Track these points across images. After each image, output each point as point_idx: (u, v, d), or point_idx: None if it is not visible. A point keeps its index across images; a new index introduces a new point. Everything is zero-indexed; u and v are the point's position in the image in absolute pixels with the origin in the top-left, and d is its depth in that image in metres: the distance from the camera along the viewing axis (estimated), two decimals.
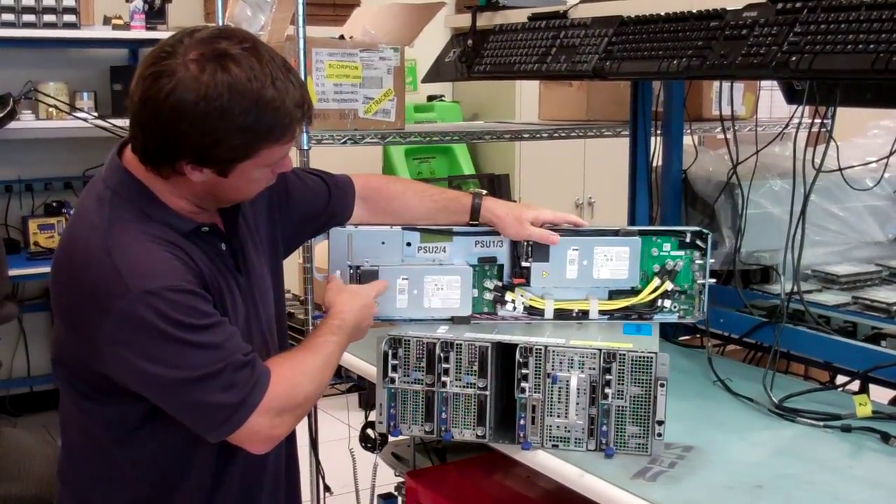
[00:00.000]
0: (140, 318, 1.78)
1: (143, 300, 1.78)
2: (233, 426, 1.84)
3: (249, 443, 1.89)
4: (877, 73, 1.92)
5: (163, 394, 1.85)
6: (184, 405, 1.85)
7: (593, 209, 6.80)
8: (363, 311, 2.16)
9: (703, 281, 2.36)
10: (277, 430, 1.91)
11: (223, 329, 1.87)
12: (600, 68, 2.58)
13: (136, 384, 1.85)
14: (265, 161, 1.88)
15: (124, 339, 1.80)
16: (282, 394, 1.88)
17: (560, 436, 2.09)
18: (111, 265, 1.80)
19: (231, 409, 1.83)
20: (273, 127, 1.83)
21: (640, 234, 2.35)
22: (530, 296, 2.35)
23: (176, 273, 1.84)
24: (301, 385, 1.94)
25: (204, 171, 1.85)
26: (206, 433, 1.87)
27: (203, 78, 1.77)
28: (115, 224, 1.86)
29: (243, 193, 1.97)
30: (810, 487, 1.94)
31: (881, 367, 2.41)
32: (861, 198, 3.08)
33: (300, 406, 1.95)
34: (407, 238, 2.36)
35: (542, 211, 2.35)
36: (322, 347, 2.02)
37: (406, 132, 3.53)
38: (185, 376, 1.80)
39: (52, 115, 5.42)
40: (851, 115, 2.69)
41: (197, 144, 1.80)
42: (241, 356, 1.85)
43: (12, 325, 5.54)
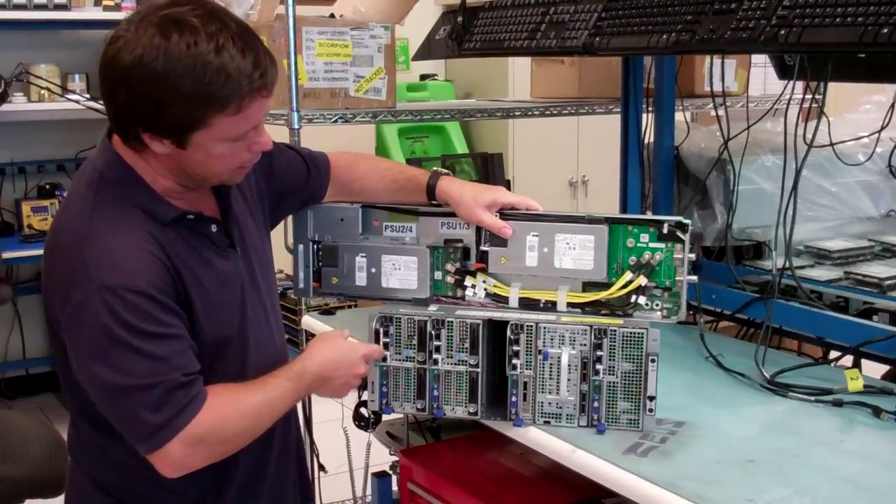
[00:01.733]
0: (92, 312, 1.78)
1: (99, 294, 1.77)
2: (152, 445, 1.82)
3: (160, 465, 1.85)
4: (865, 45, 1.92)
5: (100, 395, 1.84)
6: (113, 410, 1.84)
7: (587, 187, 6.80)
8: (336, 365, 2.08)
9: (683, 278, 2.17)
10: (191, 460, 1.86)
11: (173, 343, 1.84)
12: (590, 44, 2.57)
13: (83, 380, 1.86)
14: (222, 133, 1.83)
15: (75, 329, 1.81)
16: (207, 424, 1.84)
17: (552, 412, 2.09)
18: (80, 254, 1.81)
19: (153, 429, 1.80)
20: (214, 95, 1.78)
21: (613, 222, 2.20)
22: (494, 282, 2.28)
23: (142, 273, 1.82)
24: (231, 421, 1.89)
25: (163, 141, 1.83)
26: (133, 443, 1.85)
27: (141, 41, 1.76)
28: (96, 211, 1.86)
29: (212, 169, 1.91)
30: (802, 462, 1.94)
31: (873, 341, 2.41)
32: (853, 173, 3.08)
33: (225, 442, 1.91)
34: (373, 216, 2.36)
35: (501, 193, 2.25)
36: (269, 388, 1.96)
37: (397, 110, 3.52)
38: (119, 382, 1.79)
39: (44, 98, 5.42)
40: (844, 91, 2.70)
41: (141, 110, 1.79)
42: (180, 375, 1.82)
43: (7, 308, 5.55)
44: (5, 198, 5.69)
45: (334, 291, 2.44)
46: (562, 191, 6.73)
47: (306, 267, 2.43)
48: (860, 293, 2.67)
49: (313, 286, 2.45)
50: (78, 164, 5.76)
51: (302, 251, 2.41)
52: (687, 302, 2.20)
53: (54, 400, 5.78)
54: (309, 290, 2.46)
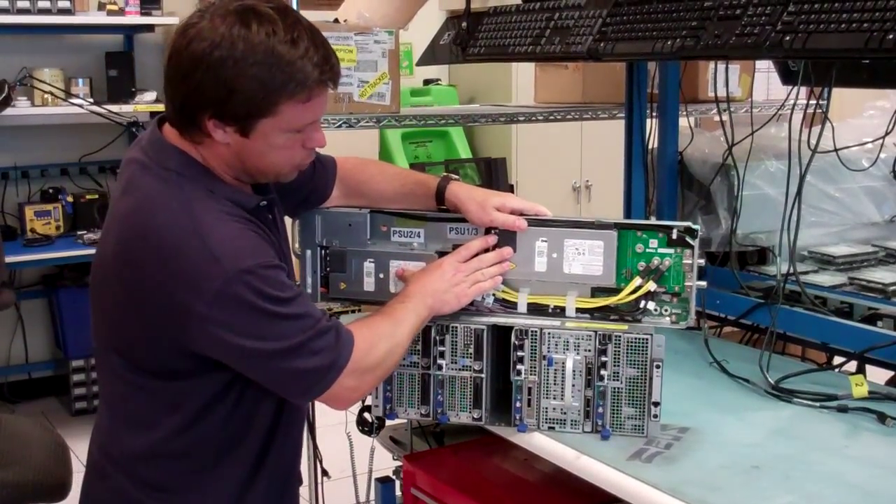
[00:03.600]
0: (237, 296, 1.84)
1: (239, 279, 1.84)
2: (324, 387, 1.94)
3: (335, 401, 1.99)
4: (870, 51, 1.91)
5: (259, 366, 1.92)
6: (279, 374, 1.92)
7: (590, 192, 6.80)
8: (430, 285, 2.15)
9: (692, 283, 2.15)
10: (361, 389, 2.03)
11: (304, 299, 1.95)
12: (594, 49, 2.57)
13: (232, 360, 1.92)
14: (286, 123, 1.89)
15: (221, 317, 1.86)
16: (361, 352, 1.96)
17: (556, 418, 2.09)
18: (204, 247, 1.85)
19: (322, 372, 1.92)
20: (288, 81, 1.84)
21: (622, 228, 2.18)
22: (503, 287, 2.25)
23: (263, 249, 1.91)
24: (378, 345, 2.01)
25: (227, 129, 1.89)
26: (297, 397, 2.00)
27: (220, 29, 1.83)
28: (194, 205, 1.90)
29: (271, 161, 1.97)
30: (807, 468, 1.94)
31: (877, 347, 2.40)
32: (857, 178, 3.08)
33: (379, 366, 2.02)
34: (382, 221, 2.35)
35: (509, 198, 2.26)
36: (397, 314, 2.07)
37: (401, 115, 3.52)
38: (281, 347, 1.88)
39: (48, 102, 5.41)
40: (847, 96, 2.69)
41: (213, 94, 1.84)
42: (325, 322, 1.93)
43: (10, 313, 5.55)
44: (8, 202, 5.68)
45: (342, 297, 2.43)
46: (565, 196, 6.72)
47: (314, 272, 2.42)
48: (864, 299, 2.67)
49: (321, 291, 2.44)
50: (81, 169, 5.80)
51: (310, 256, 2.40)
52: None
53: (57, 404, 5.79)
54: (317, 295, 2.45)
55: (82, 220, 5.54)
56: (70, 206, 5.58)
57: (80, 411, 5.58)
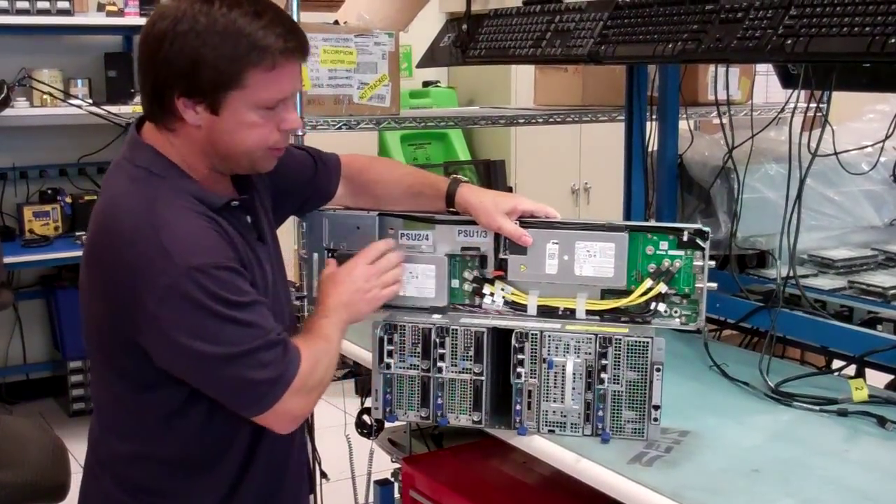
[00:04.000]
0: (185, 294, 1.82)
1: (189, 276, 1.81)
2: (270, 401, 1.89)
3: (279, 422, 1.94)
4: (872, 55, 1.91)
5: (201, 370, 1.88)
6: (222, 382, 1.88)
7: (589, 195, 6.80)
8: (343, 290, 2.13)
9: (703, 285, 2.15)
10: (306, 408, 1.98)
11: (259, 308, 1.90)
12: (595, 52, 2.57)
13: (175, 362, 1.89)
14: (255, 96, 1.87)
15: (167, 314, 1.83)
16: (305, 370, 1.93)
17: (556, 421, 2.09)
18: (158, 241, 1.83)
19: (268, 385, 1.88)
20: (251, 49, 1.84)
21: (633, 230, 2.18)
22: (512, 290, 2.25)
23: (220, 250, 1.88)
24: (319, 364, 1.98)
25: (198, 109, 1.88)
26: (244, 409, 1.92)
27: (182, 6, 1.85)
28: (156, 201, 1.89)
29: (242, 142, 1.92)
30: (807, 471, 1.94)
31: (877, 351, 2.41)
32: (857, 182, 3.08)
33: (321, 384, 2.00)
34: (389, 224, 2.32)
35: (520, 200, 2.24)
36: (326, 331, 2.05)
37: (401, 117, 3.52)
38: (225, 352, 1.84)
39: (47, 102, 5.41)
40: (846, 100, 2.69)
41: (179, 69, 1.84)
42: (274, 335, 1.90)
43: (8, 313, 5.53)
44: (7, 202, 5.68)
45: None
46: (564, 198, 6.72)
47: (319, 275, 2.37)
48: (864, 302, 2.67)
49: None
50: (80, 170, 5.80)
51: (316, 259, 2.37)
52: None
53: (54, 405, 5.78)
54: None
55: (81, 220, 5.52)
56: (69, 206, 5.58)
57: (77, 412, 5.57)
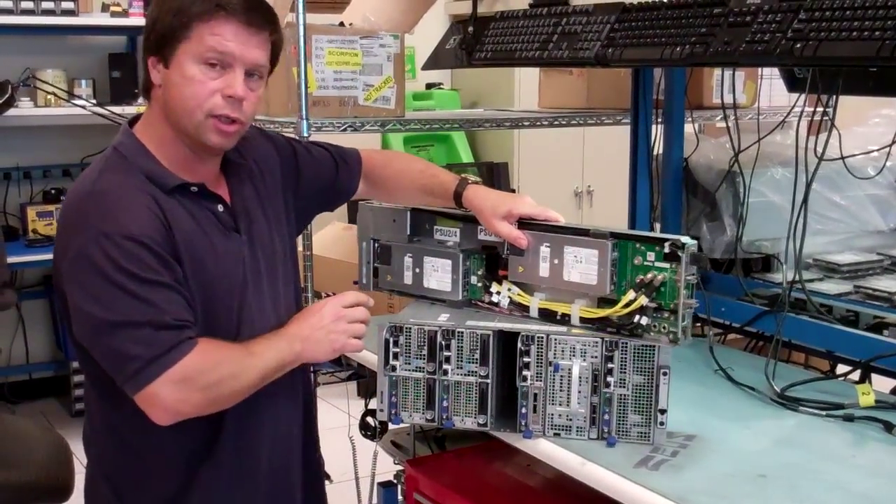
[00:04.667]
0: (89, 257, 1.89)
1: (96, 240, 1.88)
2: (139, 382, 1.89)
3: (152, 409, 1.92)
4: (882, 60, 1.91)
5: (89, 334, 1.93)
6: (103, 349, 1.92)
7: (592, 198, 6.79)
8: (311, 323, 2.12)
9: (680, 300, 2.03)
10: (181, 403, 1.92)
11: (165, 291, 1.92)
12: (602, 55, 2.56)
13: (75, 325, 1.95)
14: (197, 47, 1.96)
15: (73, 276, 1.92)
16: (195, 366, 1.91)
17: (562, 424, 2.08)
18: (83, 206, 1.95)
19: (140, 363, 1.88)
20: (195, 2, 1.96)
21: (619, 238, 2.12)
22: (518, 291, 2.28)
23: (139, 224, 1.92)
24: (218, 365, 1.96)
25: (159, 67, 2.01)
26: (120, 384, 1.92)
27: None
28: (102, 174, 2.01)
29: (184, 97, 1.99)
30: (813, 476, 1.93)
31: (883, 356, 2.40)
32: (863, 186, 3.08)
33: (211, 388, 1.95)
34: (425, 219, 2.45)
35: (519, 204, 2.26)
36: (251, 344, 2.04)
37: (406, 119, 3.52)
38: (110, 318, 1.88)
39: (51, 103, 5.41)
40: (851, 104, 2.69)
41: (147, 30, 2.01)
42: (171, 319, 1.90)
43: (11, 313, 5.55)
44: (10, 202, 5.68)
45: (388, 288, 2.54)
46: (567, 201, 6.72)
47: (367, 263, 2.56)
48: (870, 307, 2.66)
49: (373, 282, 2.57)
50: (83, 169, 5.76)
51: (364, 248, 2.55)
52: (695, 315, 2.16)
53: (57, 405, 5.78)
54: (370, 284, 2.57)
55: None
56: None
57: (80, 412, 5.56)
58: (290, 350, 2.07)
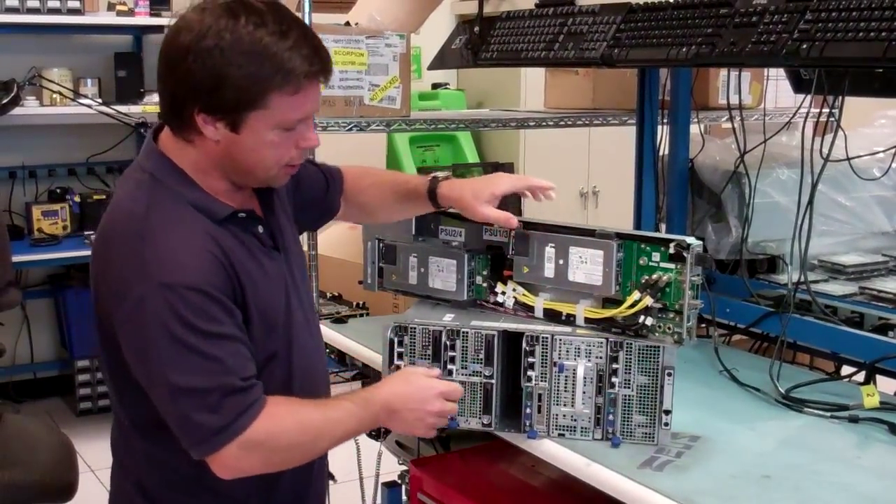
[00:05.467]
0: (152, 310, 1.77)
1: (159, 292, 1.76)
2: (209, 448, 1.82)
3: (218, 469, 1.85)
4: (888, 61, 1.91)
5: (152, 390, 1.83)
6: (169, 411, 1.83)
7: (598, 198, 6.79)
8: (405, 398, 2.01)
9: (685, 301, 2.04)
10: (245, 464, 1.87)
11: (231, 344, 1.83)
12: (608, 55, 2.56)
13: (138, 375, 1.85)
14: (276, 117, 1.83)
15: (134, 326, 1.80)
16: (265, 431, 1.84)
17: (566, 425, 2.08)
18: (140, 251, 1.80)
19: (210, 432, 1.80)
20: (276, 72, 1.80)
21: (624, 239, 2.13)
22: (522, 291, 2.28)
23: (202, 272, 1.82)
24: (288, 431, 1.89)
25: (217, 125, 1.83)
26: (186, 446, 1.84)
27: (207, 20, 1.79)
28: (151, 209, 1.85)
29: (262, 159, 1.89)
30: (818, 478, 1.93)
31: (888, 357, 2.39)
32: (868, 188, 3.07)
33: (281, 451, 1.90)
34: (429, 219, 2.45)
35: (496, 184, 2.23)
36: (331, 408, 1.95)
37: (411, 119, 3.52)
38: (177, 383, 1.78)
39: (56, 102, 5.41)
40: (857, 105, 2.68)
41: (201, 85, 1.80)
42: (238, 380, 1.82)
43: (16, 312, 5.54)
44: (15, 201, 5.68)
45: (393, 287, 2.54)
46: (572, 201, 6.71)
47: (373, 263, 2.55)
48: (875, 308, 2.66)
49: (378, 282, 2.57)
50: (89, 169, 5.80)
51: (370, 248, 2.54)
52: (700, 316, 2.16)
53: (62, 404, 5.78)
54: (375, 284, 2.57)
55: (89, 220, 5.52)
56: (77, 206, 5.58)
57: (85, 411, 5.58)
58: (372, 422, 2.00)
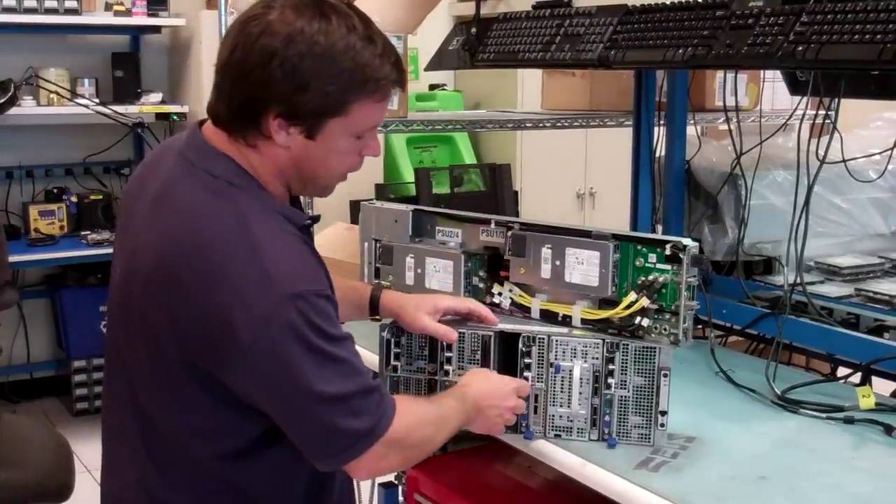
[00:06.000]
0: (286, 323, 1.67)
1: (291, 303, 1.67)
2: (355, 453, 1.75)
3: (357, 470, 1.80)
4: (884, 63, 1.91)
5: (290, 408, 1.73)
6: (308, 424, 1.73)
7: (594, 200, 6.79)
8: (488, 395, 2.01)
9: (681, 302, 2.05)
10: (386, 463, 1.84)
11: (351, 345, 1.78)
12: (605, 57, 2.56)
13: (261, 396, 1.74)
14: (355, 124, 1.77)
15: (263, 345, 1.67)
16: (403, 429, 1.80)
17: (563, 425, 2.08)
18: (257, 263, 1.68)
19: (357, 436, 1.74)
20: (367, 80, 1.74)
21: (621, 240, 2.13)
22: (519, 292, 2.30)
23: (318, 275, 1.78)
24: (420, 427, 1.88)
25: (291, 131, 1.74)
26: (321, 458, 1.78)
27: (297, 22, 1.70)
28: (247, 217, 1.73)
29: (329, 167, 1.83)
30: (813, 479, 1.93)
31: (883, 359, 2.40)
32: (864, 189, 3.08)
33: (414, 447, 1.88)
34: (426, 220, 2.47)
35: (442, 298, 2.18)
36: (440, 404, 1.96)
37: (409, 120, 3.52)
38: (323, 392, 1.69)
39: (53, 102, 5.42)
40: (854, 107, 2.69)
41: (285, 91, 1.70)
42: (368, 379, 1.77)
43: (12, 312, 5.54)
44: (12, 201, 5.68)
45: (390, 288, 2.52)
46: (569, 202, 6.72)
47: (369, 263, 2.56)
48: (870, 310, 2.66)
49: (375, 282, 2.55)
50: (86, 169, 5.80)
51: (367, 248, 2.56)
52: (696, 317, 2.17)
53: (58, 404, 5.78)
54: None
55: (86, 220, 5.54)
56: (74, 206, 5.59)
57: (81, 412, 5.58)
58: (467, 418, 1.99)
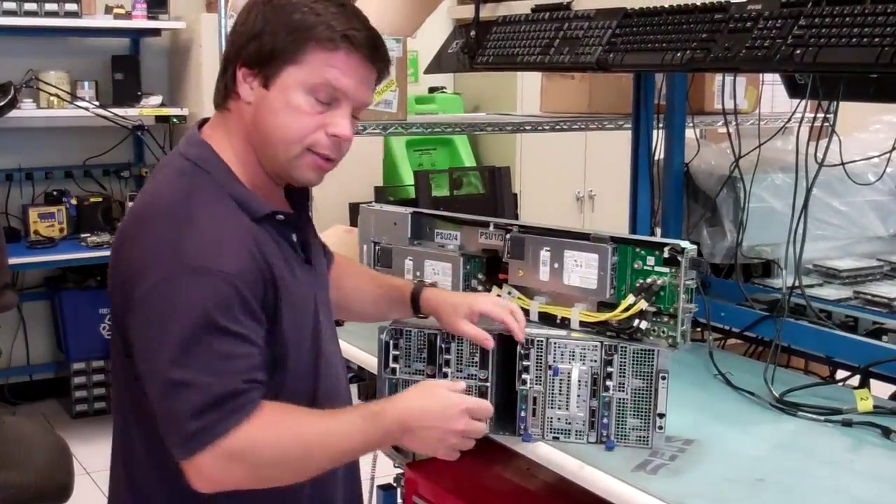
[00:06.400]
0: (172, 291, 1.68)
1: (189, 275, 1.69)
2: (183, 452, 1.69)
3: (192, 475, 1.70)
4: (882, 66, 1.91)
5: (149, 375, 1.72)
6: (158, 400, 1.71)
7: (594, 202, 6.80)
8: (425, 414, 1.86)
9: (679, 304, 2.06)
10: (224, 476, 1.71)
11: (242, 346, 1.71)
12: (604, 60, 2.56)
13: (138, 355, 1.74)
14: (309, 74, 1.78)
15: (148, 308, 1.70)
16: (246, 441, 1.69)
17: (561, 428, 2.09)
18: (176, 235, 1.71)
19: (187, 435, 1.67)
20: (318, 24, 1.78)
21: (619, 242, 2.14)
22: (517, 294, 2.30)
23: (236, 266, 1.73)
24: (278, 443, 1.73)
25: (252, 83, 1.81)
26: (168, 443, 1.72)
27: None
28: (193, 195, 1.78)
29: (284, 124, 1.80)
30: (811, 481, 1.94)
31: (882, 362, 2.40)
32: (863, 192, 3.08)
33: (265, 466, 1.73)
34: (425, 222, 2.49)
35: (476, 301, 2.12)
36: (336, 420, 1.81)
37: (408, 123, 3.52)
38: (169, 371, 1.67)
39: (53, 104, 5.43)
40: (852, 110, 2.69)
41: (247, 37, 1.81)
42: (239, 382, 1.69)
43: (12, 314, 5.55)
44: (12, 204, 5.69)
45: None
46: (568, 205, 6.72)
47: (368, 265, 2.57)
48: (869, 313, 2.67)
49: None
50: (85, 172, 5.81)
51: (366, 251, 2.58)
52: (695, 319, 2.17)
53: (58, 406, 5.79)
54: None
55: (86, 222, 5.55)
56: (74, 208, 5.60)
57: (80, 414, 5.58)
58: (382, 438, 1.85)
